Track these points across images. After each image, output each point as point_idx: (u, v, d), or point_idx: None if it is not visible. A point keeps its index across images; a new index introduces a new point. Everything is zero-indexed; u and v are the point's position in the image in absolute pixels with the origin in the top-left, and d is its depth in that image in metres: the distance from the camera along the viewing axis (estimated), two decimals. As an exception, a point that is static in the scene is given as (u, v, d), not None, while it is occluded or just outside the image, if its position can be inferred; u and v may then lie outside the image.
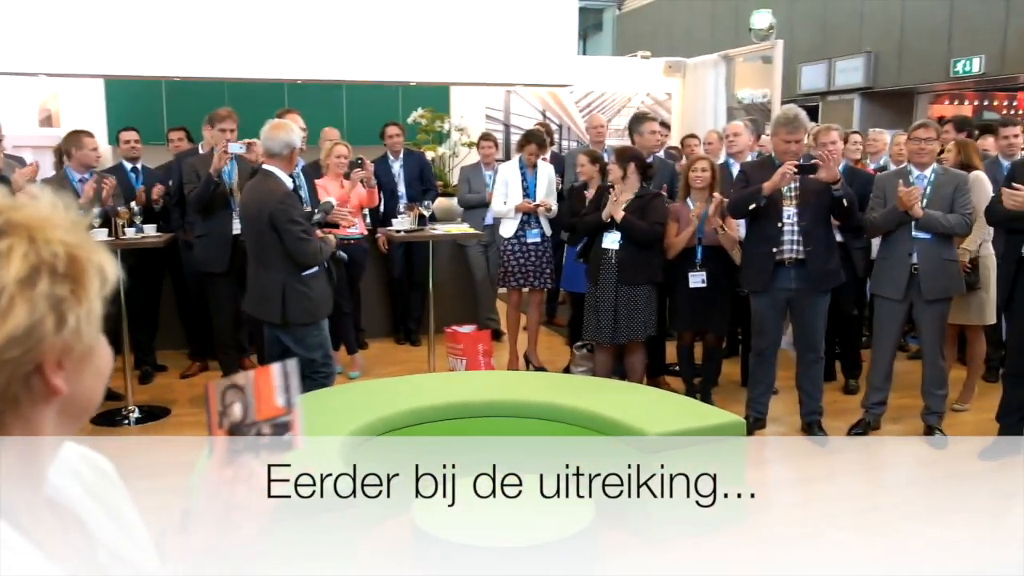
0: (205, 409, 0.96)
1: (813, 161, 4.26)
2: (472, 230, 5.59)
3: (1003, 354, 5.50)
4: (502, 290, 6.13)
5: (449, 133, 7.76)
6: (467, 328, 5.62)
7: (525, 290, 5.77)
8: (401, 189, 6.38)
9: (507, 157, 8.01)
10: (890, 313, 4.53)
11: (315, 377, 4.07)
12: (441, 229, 5.55)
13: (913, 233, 4.38)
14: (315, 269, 4.00)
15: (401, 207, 5.96)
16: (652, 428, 3.43)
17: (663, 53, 10.71)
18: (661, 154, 6.27)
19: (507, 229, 5.70)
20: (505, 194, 5.70)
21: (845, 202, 4.30)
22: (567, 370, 5.61)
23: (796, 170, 4.22)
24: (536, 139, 5.82)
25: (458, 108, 8.40)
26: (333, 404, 3.75)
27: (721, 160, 5.94)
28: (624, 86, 9.19)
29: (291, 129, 4.00)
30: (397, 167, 6.45)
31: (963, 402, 5.05)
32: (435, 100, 8.18)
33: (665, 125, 7.09)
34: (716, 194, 4.73)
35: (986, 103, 13.03)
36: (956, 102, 12.89)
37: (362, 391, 4.11)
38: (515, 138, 8.85)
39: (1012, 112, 12.67)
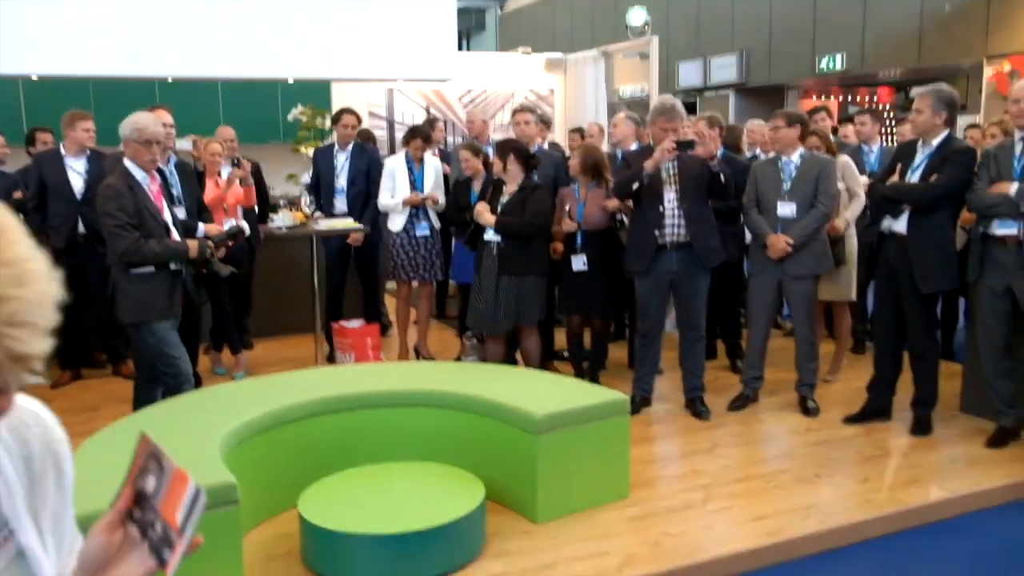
0: (131, 457, 0.95)
1: (691, 138, 4.42)
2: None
3: (867, 327, 5.86)
4: (390, 284, 6.08)
5: (331, 130, 7.65)
6: (355, 322, 5.55)
7: (414, 283, 5.75)
8: (342, 183, 6.00)
9: (392, 153, 7.96)
10: (762, 291, 4.74)
11: (163, 380, 3.97)
12: (324, 225, 5.47)
13: (778, 213, 4.61)
14: (149, 269, 3.86)
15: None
16: (539, 410, 3.47)
17: (545, 50, 10.87)
18: (546, 146, 6.37)
19: (396, 223, 5.67)
20: (392, 188, 5.67)
21: (722, 177, 4.47)
22: (457, 360, 5.62)
23: (675, 146, 4.36)
24: (421, 133, 5.82)
25: (340, 105, 8.28)
26: (216, 402, 3.64)
27: (605, 150, 6.09)
28: (506, 82, 9.28)
29: (142, 115, 3.92)
30: (342, 159, 6.02)
31: (833, 373, 5.33)
32: (315, 97, 8.06)
33: (545, 121, 7.18)
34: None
35: (850, 98, 13.79)
36: (823, 97, 13.58)
37: (247, 388, 3.98)
38: (399, 135, 8.83)
39: (873, 105, 13.44)
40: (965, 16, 9.90)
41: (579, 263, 4.92)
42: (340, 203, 5.90)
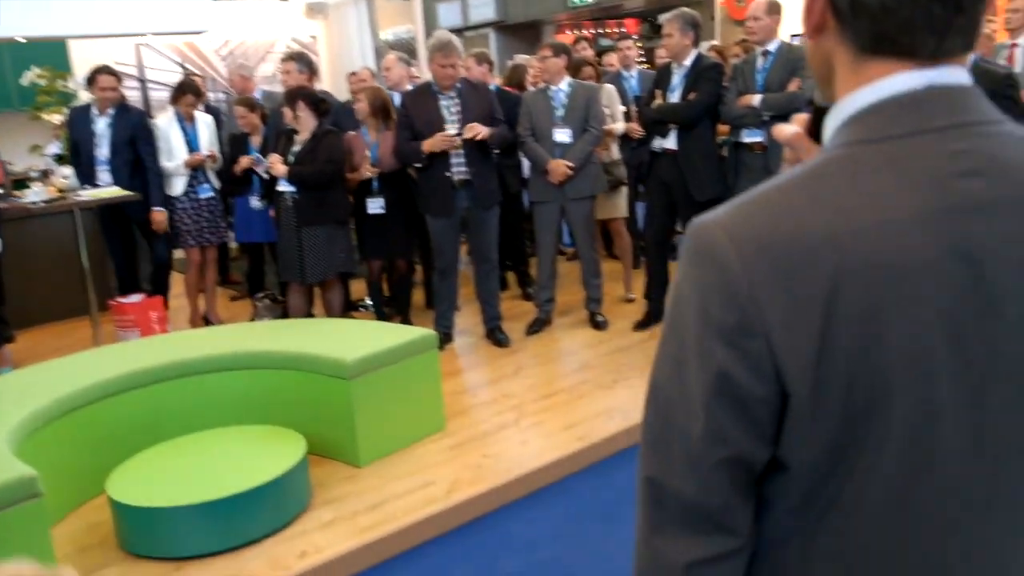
0: None
1: (465, 129, 4.51)
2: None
3: (640, 243, 6.31)
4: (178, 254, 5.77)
5: (76, 94, 6.99)
6: (134, 297, 5.21)
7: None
8: (104, 153, 5.31)
9: (148, 114, 7.42)
10: (546, 216, 4.97)
11: None
12: (86, 195, 5.05)
13: (555, 139, 4.84)
14: None
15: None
16: (349, 355, 3.48)
17: (302, -4, 10.47)
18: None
19: (176, 187, 5.36)
20: (168, 150, 5.33)
21: (498, 139, 4.65)
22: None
23: (454, 139, 4.49)
24: (192, 88, 5.52)
25: (81, 65, 7.57)
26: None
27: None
28: (266, 31, 8.88)
29: None
30: (102, 125, 5.32)
31: (628, 291, 5.61)
32: (52, 58, 7.30)
33: (312, 70, 6.97)
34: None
35: (600, 30, 14.46)
36: (576, 30, 14.14)
37: (25, 378, 3.62)
38: (154, 94, 8.26)
39: (625, 36, 14.18)
40: (696, -52, 10.62)
41: (376, 206, 4.91)
42: (104, 175, 5.34)
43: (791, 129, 1.03)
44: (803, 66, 4.44)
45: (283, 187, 4.68)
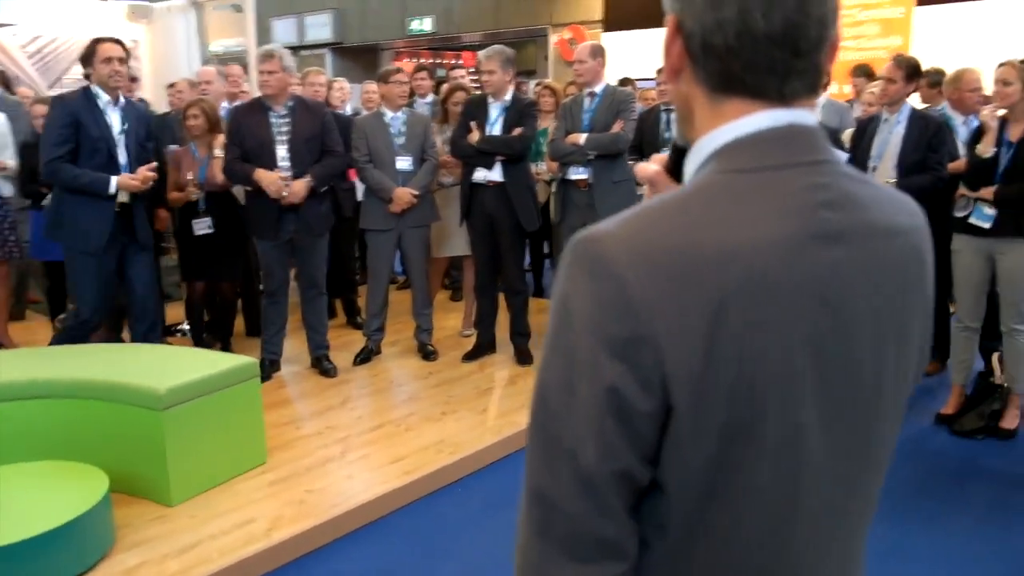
0: None
1: (286, 193, 4.36)
2: None
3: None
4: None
5: None
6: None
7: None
8: None
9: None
10: (382, 245, 4.88)
11: None
12: None
13: (398, 167, 4.79)
14: None
15: None
16: (161, 384, 3.25)
17: (124, -2, 9.87)
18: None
19: None
20: None
21: (323, 179, 4.52)
22: (52, 346, 5.00)
23: (283, 191, 4.33)
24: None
25: None
26: None
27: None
28: (81, 31, 8.26)
29: None
30: None
31: (467, 327, 5.50)
32: None
33: (132, 76, 6.56)
34: None
35: (438, 60, 14.58)
36: (414, 59, 14.18)
37: None
38: (-54, 90, 7.48)
39: (458, 67, 14.36)
40: (535, -13, 10.99)
41: (202, 226, 4.66)
42: None
43: (652, 168, 1.06)
44: (626, 108, 4.65)
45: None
